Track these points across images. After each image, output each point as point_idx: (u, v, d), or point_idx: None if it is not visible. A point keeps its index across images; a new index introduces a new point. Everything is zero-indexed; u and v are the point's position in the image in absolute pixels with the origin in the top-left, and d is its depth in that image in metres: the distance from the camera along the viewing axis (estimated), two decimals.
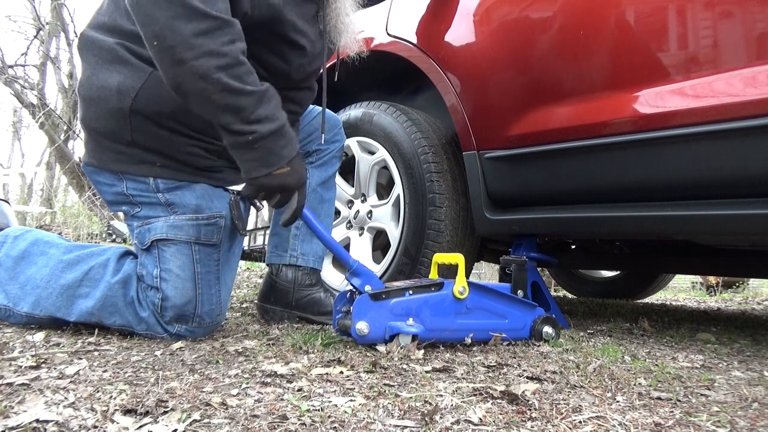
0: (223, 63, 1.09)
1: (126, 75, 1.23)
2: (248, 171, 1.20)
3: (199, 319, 1.31)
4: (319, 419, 0.77)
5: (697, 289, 5.22)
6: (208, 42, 1.07)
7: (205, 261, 1.31)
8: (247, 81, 1.13)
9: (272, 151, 1.18)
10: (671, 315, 2.34)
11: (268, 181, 1.21)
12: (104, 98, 1.24)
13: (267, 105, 1.17)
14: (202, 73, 1.07)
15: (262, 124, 1.16)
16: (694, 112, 1.30)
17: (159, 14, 1.04)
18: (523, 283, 1.50)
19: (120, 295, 1.28)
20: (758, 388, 1.05)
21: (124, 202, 1.32)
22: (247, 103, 1.13)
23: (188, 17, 1.05)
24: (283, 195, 1.25)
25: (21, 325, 1.41)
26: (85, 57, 1.28)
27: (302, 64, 1.36)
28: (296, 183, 1.25)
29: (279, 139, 1.19)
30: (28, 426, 0.70)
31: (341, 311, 1.31)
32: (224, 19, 1.09)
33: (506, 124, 1.67)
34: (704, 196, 1.34)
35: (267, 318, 1.64)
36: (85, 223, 6.36)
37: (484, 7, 1.75)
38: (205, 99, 1.11)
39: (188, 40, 1.05)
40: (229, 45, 1.10)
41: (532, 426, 0.78)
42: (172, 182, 1.30)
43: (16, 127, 14.10)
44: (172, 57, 1.06)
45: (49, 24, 9.56)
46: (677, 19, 1.35)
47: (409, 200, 1.86)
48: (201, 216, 1.30)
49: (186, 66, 1.06)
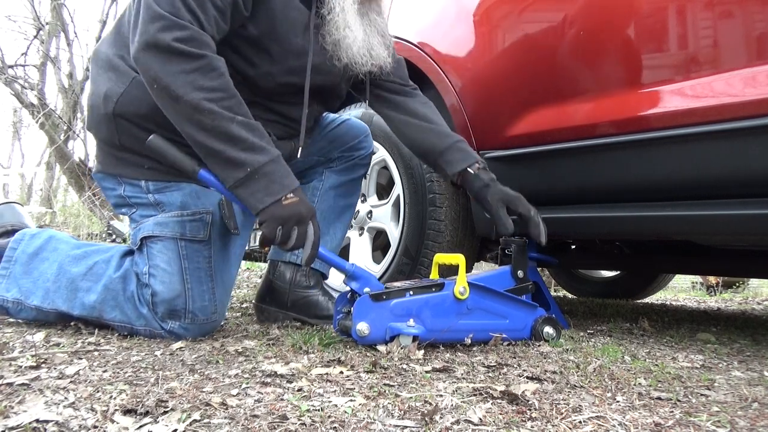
0: (214, 96, 1.15)
1: (113, 81, 1.31)
2: (255, 205, 1.17)
3: (192, 315, 1.31)
4: (319, 419, 0.77)
5: (697, 289, 5.21)
6: (198, 78, 1.14)
7: (193, 257, 1.32)
8: (239, 112, 1.17)
9: (273, 180, 1.17)
10: (671, 315, 2.34)
11: (280, 211, 1.17)
12: (96, 105, 1.33)
13: (261, 137, 1.19)
14: (195, 104, 1.13)
15: (258, 153, 1.17)
16: (694, 113, 1.30)
17: (153, 61, 1.14)
18: (523, 264, 1.49)
19: (120, 290, 1.31)
20: (758, 388, 1.05)
21: (123, 204, 1.38)
22: (238, 131, 1.16)
23: (177, 60, 1.13)
24: (299, 227, 1.20)
25: (23, 324, 1.41)
26: (91, 68, 1.38)
27: (270, 72, 1.32)
28: (309, 212, 1.21)
29: (278, 168, 1.19)
30: (28, 426, 0.70)
31: (342, 312, 1.31)
32: (209, 57, 1.16)
33: (506, 124, 1.67)
34: (704, 196, 1.34)
35: (263, 319, 1.63)
36: (84, 223, 6.35)
37: (484, 7, 1.75)
38: (200, 129, 1.15)
39: (179, 79, 1.13)
40: (219, 79, 1.17)
41: (532, 426, 0.78)
42: (161, 183, 1.34)
43: (16, 127, 14.09)
44: (169, 94, 1.14)
45: (49, 24, 9.55)
46: (674, 20, 1.35)
47: (409, 200, 1.86)
48: (186, 212, 1.32)
49: (181, 101, 1.13)
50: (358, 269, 1.28)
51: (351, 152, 1.70)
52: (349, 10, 1.31)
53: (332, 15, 1.30)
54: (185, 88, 1.13)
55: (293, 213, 1.18)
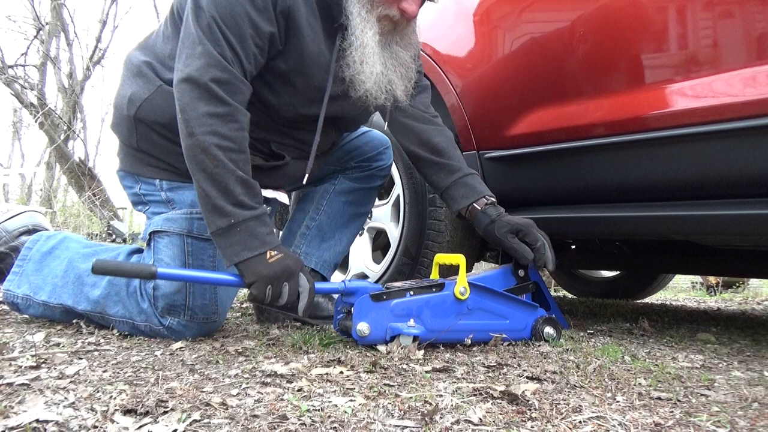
0: (224, 145, 1.18)
1: (140, 86, 1.35)
2: (231, 257, 1.17)
3: (191, 313, 1.31)
4: (319, 419, 0.77)
5: (697, 289, 5.21)
6: (218, 124, 1.18)
7: (198, 254, 1.33)
8: (242, 168, 1.20)
9: (254, 235, 1.18)
10: (671, 315, 2.34)
11: (267, 269, 1.16)
12: (120, 106, 1.37)
13: (252, 196, 1.21)
14: (205, 146, 1.17)
15: (244, 209, 1.18)
16: (694, 113, 1.30)
17: (187, 94, 1.19)
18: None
19: (123, 284, 1.34)
20: (758, 388, 1.05)
21: (139, 202, 1.43)
22: (234, 186, 1.18)
23: (207, 100, 1.18)
24: (290, 283, 1.19)
25: (23, 324, 1.42)
26: (122, 71, 1.43)
27: (292, 103, 1.35)
28: (296, 264, 1.21)
29: (260, 225, 1.20)
30: (28, 426, 0.70)
31: (342, 312, 1.31)
32: (238, 108, 1.21)
33: (506, 124, 1.67)
34: (704, 196, 1.34)
35: (263, 318, 1.64)
36: (84, 223, 6.36)
37: (484, 7, 1.76)
38: (202, 169, 1.18)
39: (201, 118, 1.17)
40: (237, 132, 1.20)
41: (532, 426, 0.78)
42: (175, 183, 1.38)
43: (16, 127, 14.10)
44: (187, 128, 1.18)
45: (49, 24, 9.56)
46: (674, 21, 1.35)
47: (409, 200, 1.86)
48: (195, 210, 1.34)
49: (194, 138, 1.17)
50: (350, 284, 1.27)
51: (369, 162, 1.70)
52: (368, 44, 1.30)
53: (351, 50, 1.31)
54: (202, 128, 1.17)
55: (282, 269, 1.18)
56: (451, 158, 1.54)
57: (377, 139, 1.72)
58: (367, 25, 1.29)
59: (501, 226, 1.44)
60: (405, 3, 1.31)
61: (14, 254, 1.59)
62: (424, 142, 1.56)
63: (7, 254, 1.64)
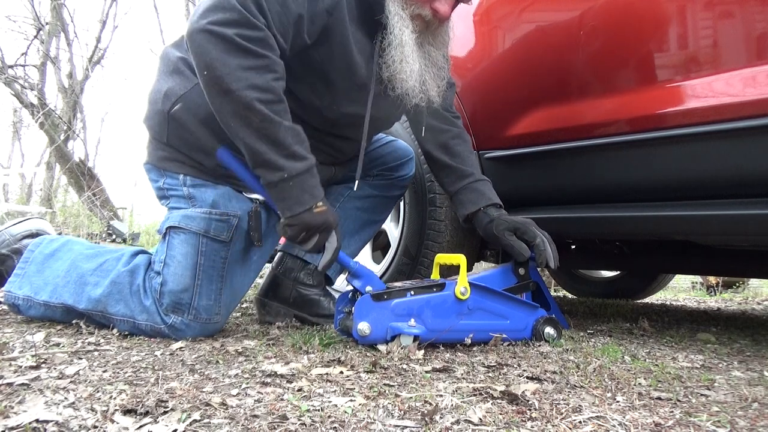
0: (265, 98, 1.15)
1: (176, 83, 1.35)
2: (284, 211, 1.21)
3: (195, 312, 1.32)
4: (319, 419, 0.77)
5: (697, 289, 5.21)
6: (254, 77, 1.14)
7: (210, 255, 1.34)
8: (285, 117, 1.19)
9: (305, 189, 1.21)
10: (671, 315, 2.34)
11: (311, 218, 1.21)
12: (155, 100, 1.38)
13: (301, 144, 1.21)
14: (246, 103, 1.14)
15: (296, 161, 1.19)
16: (693, 113, 1.30)
17: (211, 47, 1.12)
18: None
19: (126, 283, 1.34)
20: (758, 388, 1.05)
21: (162, 196, 1.43)
22: (284, 136, 1.18)
23: (237, 53, 1.13)
24: (322, 235, 1.24)
25: (23, 324, 1.42)
26: (158, 67, 1.43)
27: (334, 102, 1.35)
28: (335, 220, 1.26)
29: (310, 178, 1.22)
30: (28, 426, 0.70)
31: (343, 311, 1.31)
32: (271, 58, 1.17)
33: (506, 124, 1.67)
34: (704, 196, 1.34)
35: (264, 313, 1.64)
36: (84, 223, 6.35)
37: (484, 7, 1.75)
38: (247, 126, 1.16)
39: (235, 72, 1.13)
40: (274, 82, 1.17)
41: (532, 426, 0.78)
42: (199, 180, 1.38)
43: (16, 127, 14.10)
44: (220, 86, 1.14)
45: (49, 24, 9.55)
46: (674, 21, 1.35)
47: (409, 200, 1.86)
48: (214, 211, 1.35)
49: (232, 96, 1.14)
50: (361, 267, 1.29)
51: (390, 172, 1.70)
52: (407, 43, 1.30)
53: (389, 49, 1.31)
54: (239, 83, 1.13)
55: (322, 221, 1.22)
56: (464, 163, 1.55)
57: (401, 149, 1.72)
58: (404, 23, 1.30)
59: (499, 224, 1.45)
60: (437, 3, 1.31)
61: (16, 257, 1.60)
62: (442, 144, 1.57)
63: (8, 256, 1.64)
